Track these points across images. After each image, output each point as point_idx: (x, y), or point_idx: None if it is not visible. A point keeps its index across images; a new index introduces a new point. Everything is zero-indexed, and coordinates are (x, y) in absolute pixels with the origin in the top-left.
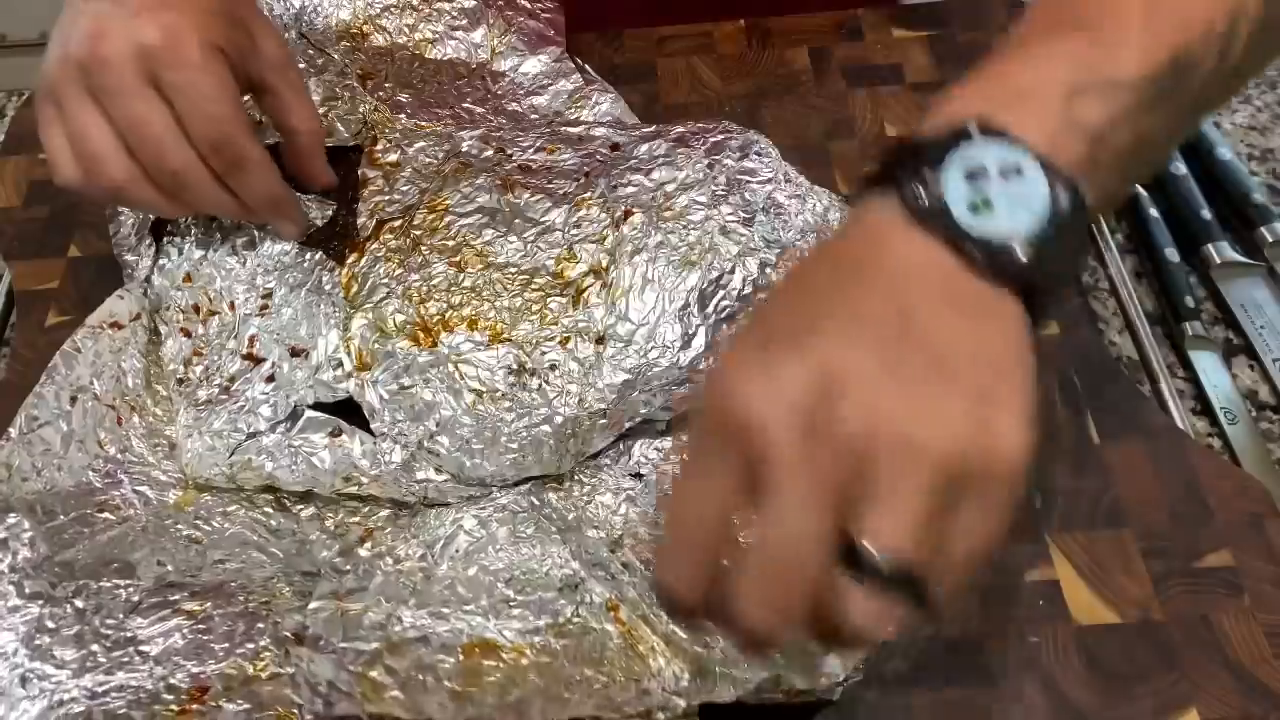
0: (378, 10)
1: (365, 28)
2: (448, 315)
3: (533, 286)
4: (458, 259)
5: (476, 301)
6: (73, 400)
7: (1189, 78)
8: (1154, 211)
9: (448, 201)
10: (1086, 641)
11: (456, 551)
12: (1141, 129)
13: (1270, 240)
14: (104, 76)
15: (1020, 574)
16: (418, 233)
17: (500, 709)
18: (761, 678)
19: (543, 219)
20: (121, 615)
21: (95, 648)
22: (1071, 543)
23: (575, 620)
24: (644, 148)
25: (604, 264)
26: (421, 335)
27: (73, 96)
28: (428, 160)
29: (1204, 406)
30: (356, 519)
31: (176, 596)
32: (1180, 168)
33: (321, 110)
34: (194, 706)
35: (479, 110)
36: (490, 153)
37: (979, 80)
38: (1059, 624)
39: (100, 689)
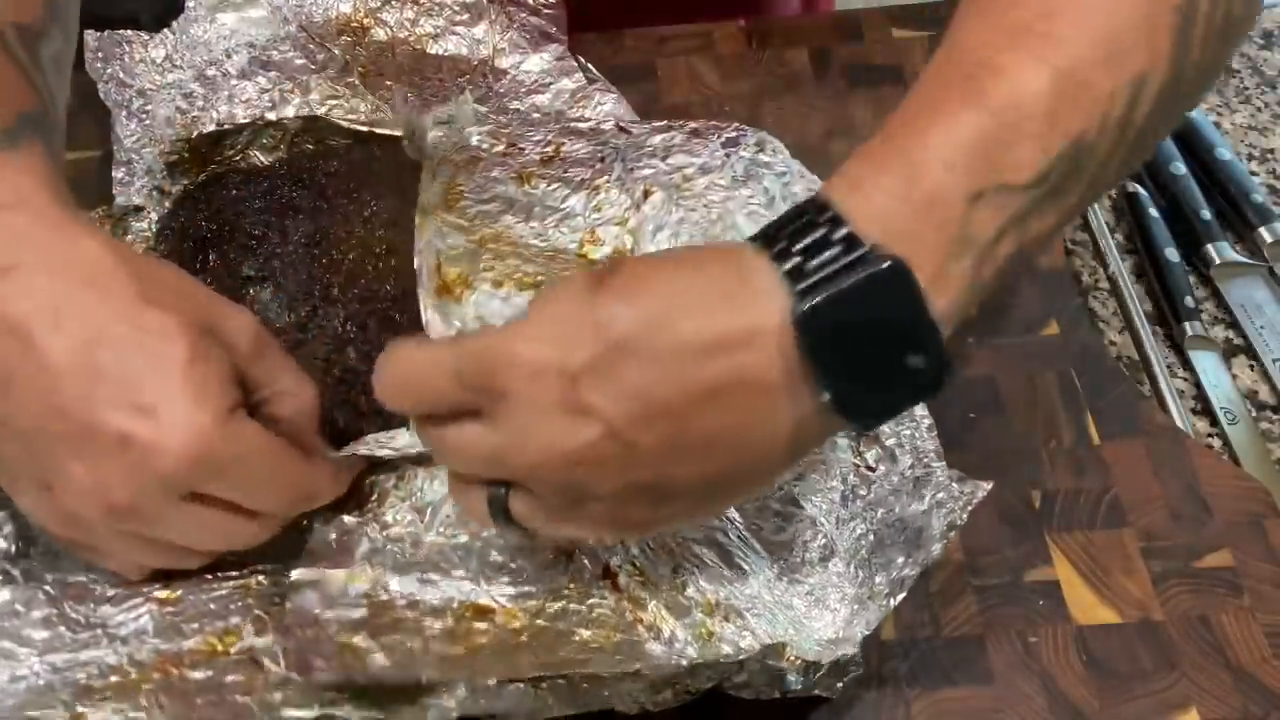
0: (379, 3)
1: (366, 21)
2: (469, 276)
3: (557, 261)
4: (476, 237)
5: (500, 265)
6: None
7: (1084, 165)
8: (1154, 211)
9: (462, 187)
10: (1086, 641)
11: (447, 517)
12: (1028, 236)
13: (1270, 240)
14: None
15: (1020, 574)
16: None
17: (490, 670)
18: (765, 643)
19: (562, 205)
20: (94, 604)
21: (63, 629)
22: (1071, 543)
23: (570, 587)
24: (658, 138)
25: (628, 246)
26: (444, 294)
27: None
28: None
29: (1204, 406)
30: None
31: (149, 588)
32: (1180, 168)
33: (322, 110)
34: (156, 675)
35: (481, 109)
36: (501, 147)
37: (886, 166)
38: (1059, 624)
39: (65, 665)
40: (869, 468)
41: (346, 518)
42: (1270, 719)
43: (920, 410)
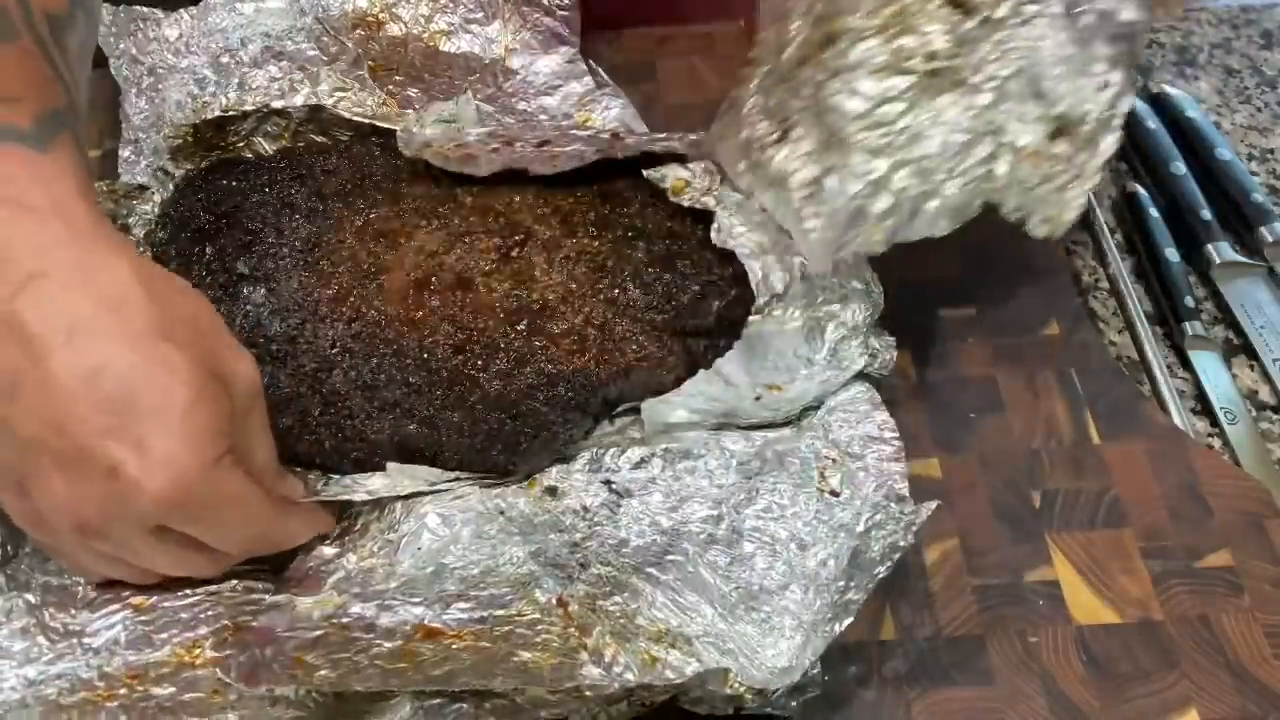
0: None
1: (381, 15)
2: None
3: None
4: None
5: None
6: None
7: None
8: (1154, 211)
9: None
10: (1086, 641)
11: (419, 549)
12: None
13: (1270, 240)
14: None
15: (1020, 574)
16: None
17: (426, 680)
18: (708, 668)
19: None
20: (73, 610)
21: (41, 639)
22: (1071, 543)
23: (522, 613)
24: (655, 148)
25: None
26: None
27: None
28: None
29: (1204, 406)
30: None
31: (127, 592)
32: (1180, 168)
33: (329, 101)
34: (120, 690)
35: (488, 108)
36: (497, 145)
37: None
38: (1059, 624)
39: (39, 678)
40: (833, 492)
41: (326, 549)
42: (1270, 719)
43: (890, 433)
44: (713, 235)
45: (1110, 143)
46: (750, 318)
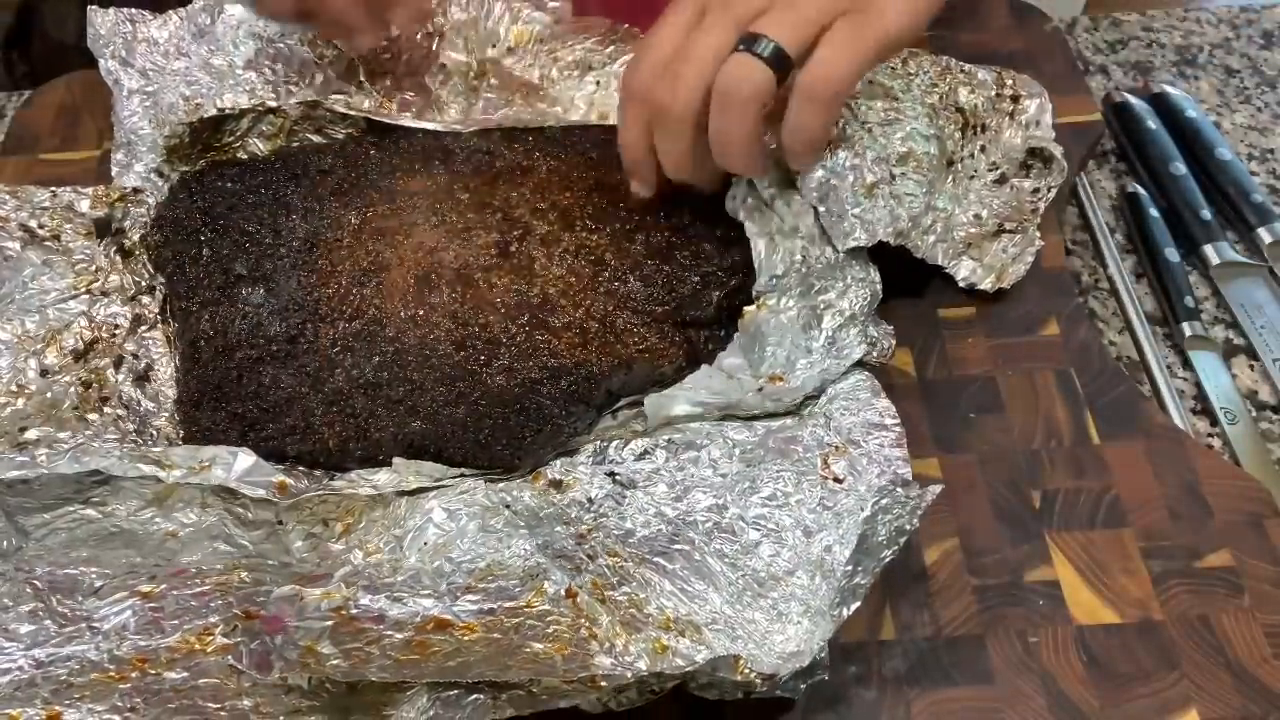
0: None
1: None
2: None
3: None
4: None
5: None
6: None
7: None
8: (1154, 211)
9: None
10: (1086, 641)
11: (425, 544)
12: None
13: (1270, 240)
14: None
15: (1020, 574)
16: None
17: (439, 671)
18: (719, 655)
19: None
20: (80, 598)
21: (49, 623)
22: (1071, 543)
23: (531, 605)
24: None
25: None
26: None
27: None
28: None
29: (1204, 406)
30: (332, 507)
31: (134, 581)
32: (1180, 168)
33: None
34: (133, 674)
35: (489, 96)
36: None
37: None
38: (1059, 624)
39: (48, 660)
40: (836, 479)
41: (333, 545)
42: (1270, 719)
43: (891, 419)
44: (727, 204)
45: (1039, 242)
46: (746, 309)
